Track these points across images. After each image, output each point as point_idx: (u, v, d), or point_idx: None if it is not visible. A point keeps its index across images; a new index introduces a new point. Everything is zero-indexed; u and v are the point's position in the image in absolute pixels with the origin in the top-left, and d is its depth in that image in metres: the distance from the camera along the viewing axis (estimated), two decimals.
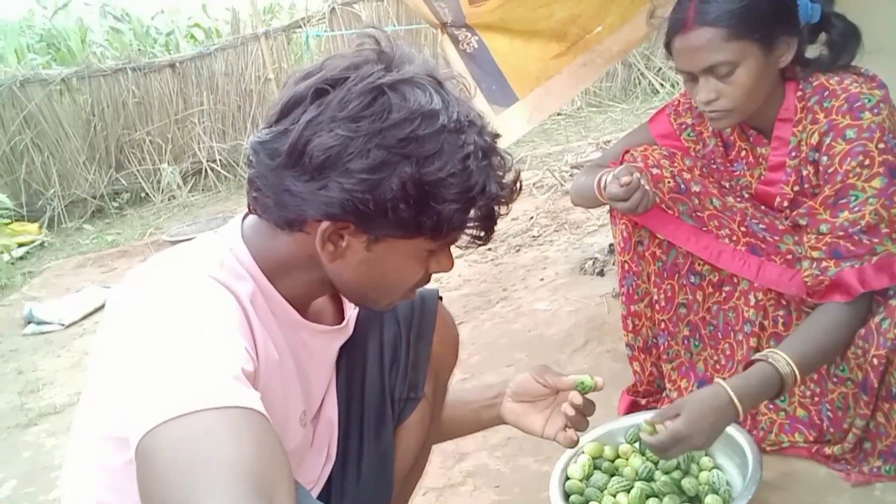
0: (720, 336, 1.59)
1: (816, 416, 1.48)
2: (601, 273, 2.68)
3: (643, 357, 1.67)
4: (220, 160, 6.07)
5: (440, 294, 1.18)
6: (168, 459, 0.61)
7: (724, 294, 1.56)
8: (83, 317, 3.54)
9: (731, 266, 1.50)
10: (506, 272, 2.98)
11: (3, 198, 5.37)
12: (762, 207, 1.51)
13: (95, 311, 3.57)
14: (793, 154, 1.41)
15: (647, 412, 1.57)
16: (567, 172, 4.06)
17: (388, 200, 0.78)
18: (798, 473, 1.46)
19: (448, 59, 2.44)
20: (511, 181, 0.86)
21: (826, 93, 1.33)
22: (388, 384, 1.11)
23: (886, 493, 1.36)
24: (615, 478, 1.41)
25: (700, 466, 1.40)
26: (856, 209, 1.29)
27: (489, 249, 3.21)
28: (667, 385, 1.68)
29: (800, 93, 1.38)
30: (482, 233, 0.88)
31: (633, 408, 1.71)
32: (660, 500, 1.34)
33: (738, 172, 1.53)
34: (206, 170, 6.05)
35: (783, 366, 1.25)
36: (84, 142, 5.86)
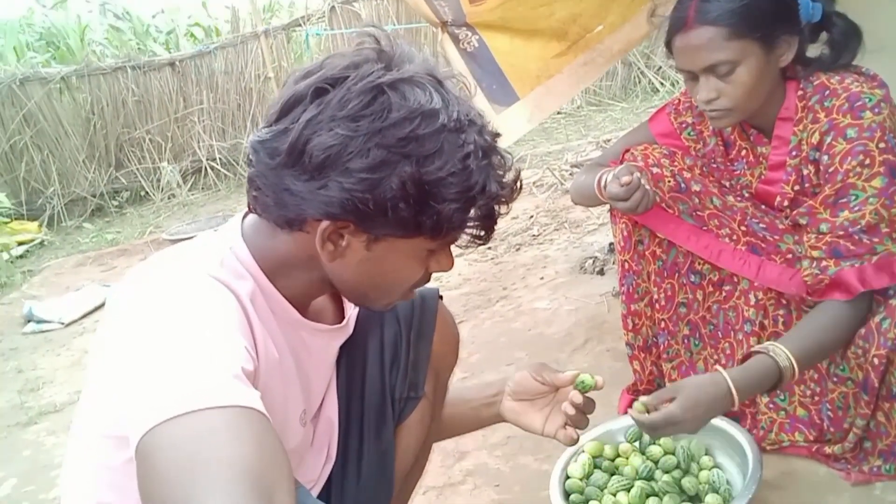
0: (720, 335, 1.59)
1: (817, 416, 1.48)
2: (601, 272, 2.68)
3: (643, 356, 1.67)
4: (220, 159, 6.06)
5: (440, 293, 1.18)
6: (168, 458, 0.61)
7: (725, 293, 1.56)
8: (83, 315, 3.54)
9: (732, 265, 1.50)
10: (506, 271, 2.98)
11: (3, 196, 5.36)
12: (762, 207, 1.51)
13: (95, 310, 3.56)
14: (793, 153, 1.41)
15: None
16: (567, 171, 4.06)
17: (388, 200, 0.78)
18: (798, 472, 1.46)
19: (448, 58, 2.43)
20: (511, 180, 0.86)
21: (827, 92, 1.33)
22: (389, 383, 1.11)
23: (886, 493, 1.36)
24: (615, 477, 1.41)
25: (700, 465, 1.40)
26: (856, 209, 1.29)
27: (489, 248, 3.21)
28: (667, 384, 1.68)
29: (800, 92, 1.38)
30: (482, 232, 0.88)
31: None
32: (660, 499, 1.34)
33: (739, 171, 1.53)
34: (206, 168, 6.05)
35: (783, 360, 1.25)
36: (84, 140, 5.86)
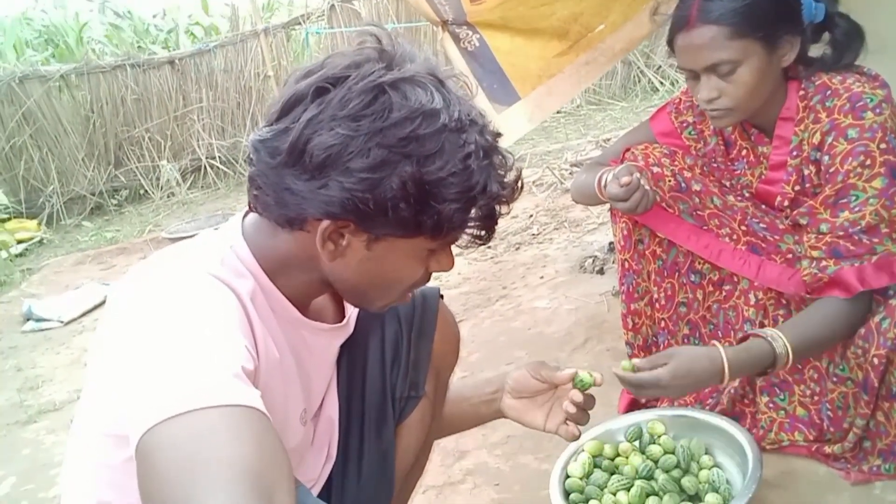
0: (720, 335, 1.58)
1: (816, 416, 1.48)
2: (601, 271, 2.68)
3: (643, 355, 1.67)
4: (220, 157, 6.05)
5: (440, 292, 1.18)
6: (168, 458, 0.61)
7: (725, 293, 1.56)
8: (82, 314, 3.53)
9: (732, 265, 1.50)
10: (505, 270, 2.97)
11: (2, 195, 5.35)
12: (763, 206, 1.51)
13: (95, 308, 3.56)
14: (794, 153, 1.40)
15: (648, 411, 1.57)
16: (567, 170, 4.06)
17: (389, 199, 0.78)
18: (798, 472, 1.46)
19: (449, 58, 2.43)
20: (512, 180, 0.86)
21: (828, 92, 1.33)
22: (390, 382, 1.11)
23: (886, 492, 1.36)
24: (615, 476, 1.41)
25: (700, 465, 1.40)
26: (856, 209, 1.29)
27: (489, 247, 3.20)
28: None
29: (802, 92, 1.37)
30: (483, 232, 0.88)
31: (633, 406, 1.71)
32: (660, 499, 1.34)
33: (739, 171, 1.53)
34: (206, 167, 6.03)
35: (780, 346, 1.27)
36: (83, 138, 5.84)
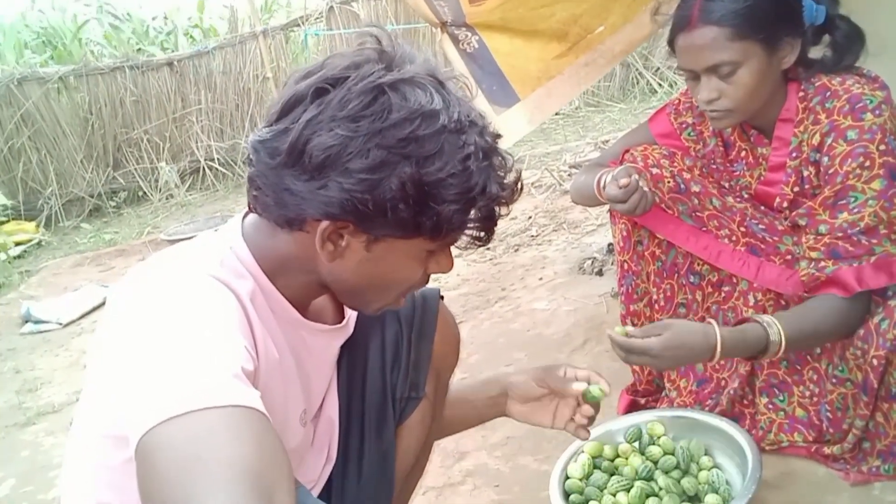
0: None
1: (816, 417, 1.48)
2: (600, 272, 2.68)
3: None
4: (218, 159, 6.05)
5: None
6: (168, 459, 0.61)
7: (724, 294, 1.56)
8: (81, 316, 3.52)
9: (731, 266, 1.50)
10: (504, 272, 2.97)
11: (1, 196, 5.34)
12: (762, 208, 1.51)
13: (93, 310, 3.56)
14: (793, 154, 1.41)
15: (647, 412, 1.57)
16: (565, 172, 4.06)
17: (388, 200, 0.78)
18: (797, 473, 1.46)
19: (448, 59, 2.43)
20: (512, 182, 0.85)
21: (828, 93, 1.33)
22: (390, 383, 1.11)
23: (885, 493, 1.36)
24: (615, 477, 1.41)
25: (700, 466, 1.40)
26: (855, 210, 1.29)
27: (488, 249, 3.20)
28: (666, 384, 1.68)
29: (801, 93, 1.38)
30: (482, 233, 0.88)
31: (633, 407, 1.71)
32: (659, 500, 1.34)
33: (738, 172, 1.53)
34: (204, 169, 6.03)
35: (774, 333, 1.28)
36: (81, 140, 5.83)
